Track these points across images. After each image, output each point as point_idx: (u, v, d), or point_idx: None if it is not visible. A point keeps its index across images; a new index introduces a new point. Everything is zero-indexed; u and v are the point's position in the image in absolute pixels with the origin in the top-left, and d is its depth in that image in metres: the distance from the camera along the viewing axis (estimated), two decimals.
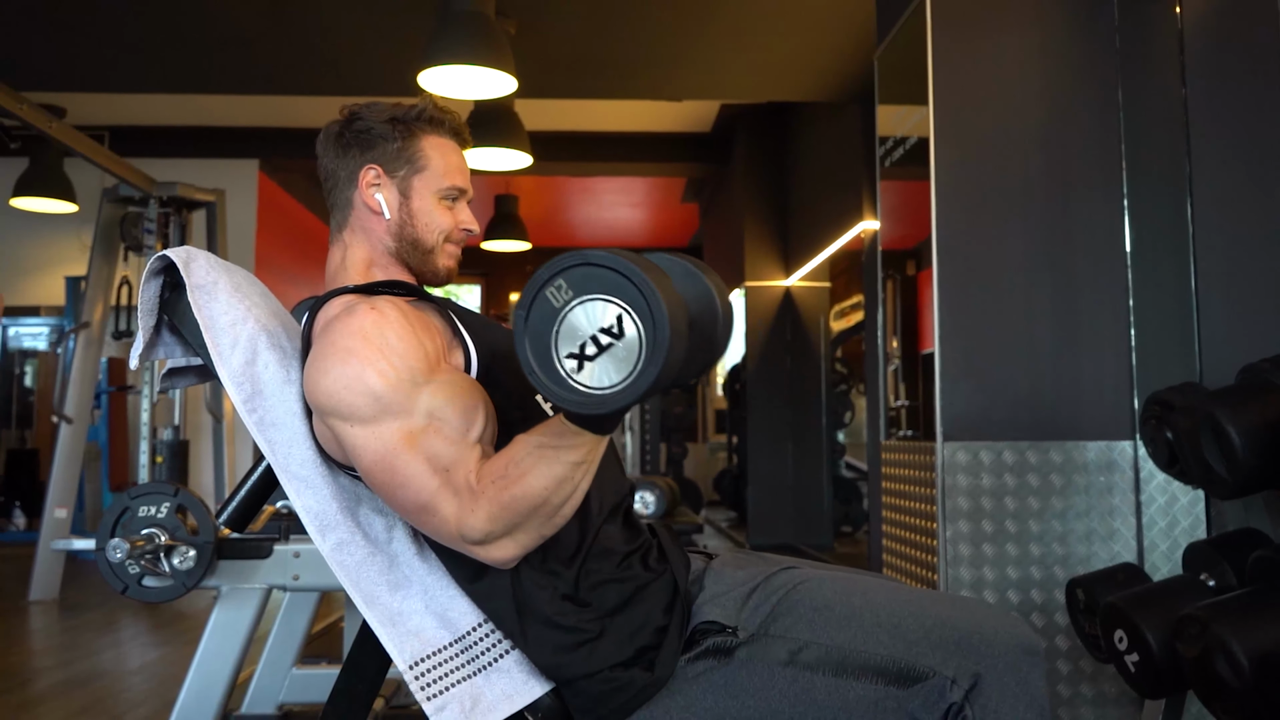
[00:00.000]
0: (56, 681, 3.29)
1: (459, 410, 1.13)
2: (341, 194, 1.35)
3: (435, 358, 1.17)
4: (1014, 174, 2.65)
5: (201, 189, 5.26)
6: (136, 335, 1.32)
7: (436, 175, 1.34)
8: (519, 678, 1.21)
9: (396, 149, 1.33)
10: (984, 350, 2.60)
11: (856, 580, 1.25)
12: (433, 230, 1.34)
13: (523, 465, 1.06)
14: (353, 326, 1.15)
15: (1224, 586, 1.93)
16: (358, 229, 1.35)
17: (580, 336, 0.96)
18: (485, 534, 1.08)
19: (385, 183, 1.33)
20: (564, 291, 0.97)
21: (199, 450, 6.25)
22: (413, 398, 1.12)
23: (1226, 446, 1.77)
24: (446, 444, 1.10)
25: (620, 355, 0.95)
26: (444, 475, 1.09)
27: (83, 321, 5.14)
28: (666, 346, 0.93)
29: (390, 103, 1.36)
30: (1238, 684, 1.58)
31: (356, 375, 1.12)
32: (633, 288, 0.95)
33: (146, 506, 2.05)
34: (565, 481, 1.06)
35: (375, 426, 1.11)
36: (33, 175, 6.31)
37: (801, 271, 6.75)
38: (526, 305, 0.98)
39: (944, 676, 1.13)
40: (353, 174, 1.34)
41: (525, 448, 1.06)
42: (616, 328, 0.95)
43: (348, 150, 1.34)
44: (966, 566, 2.51)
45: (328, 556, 1.21)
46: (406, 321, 1.17)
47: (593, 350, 0.96)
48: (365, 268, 1.34)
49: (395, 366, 1.12)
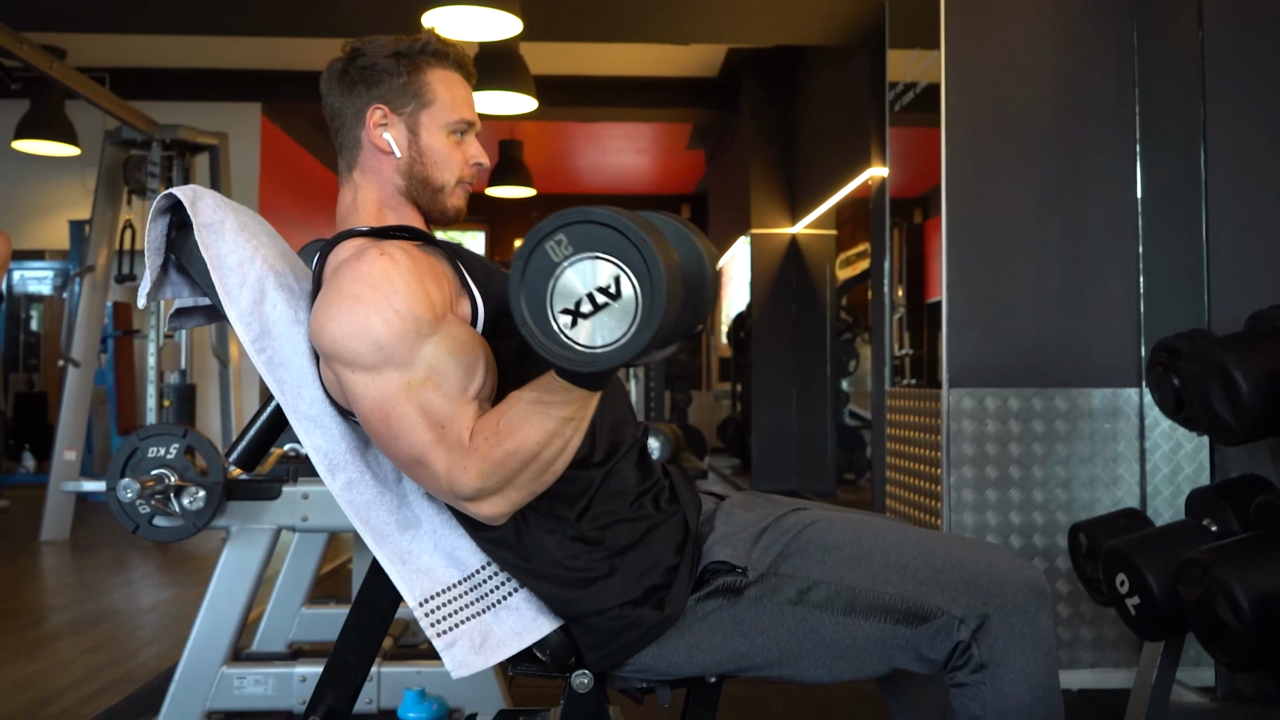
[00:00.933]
0: (70, 619, 3.34)
1: (459, 366, 1.13)
2: (349, 133, 1.34)
3: (441, 308, 1.17)
4: (1026, 120, 2.62)
5: (204, 132, 5.22)
6: (144, 274, 1.31)
7: (444, 109, 1.32)
8: (528, 615, 1.22)
9: (402, 84, 1.31)
10: (992, 297, 2.59)
11: (866, 521, 1.26)
12: (442, 168, 1.33)
13: (514, 421, 1.07)
14: (361, 272, 1.14)
15: (1227, 532, 1.95)
16: (367, 169, 1.33)
17: (576, 294, 0.96)
18: (476, 490, 1.09)
19: (393, 121, 1.31)
20: (564, 247, 0.96)
21: (206, 395, 6.27)
22: (415, 349, 1.11)
23: (1234, 393, 1.77)
24: (444, 399, 1.11)
25: (615, 315, 0.95)
26: (438, 430, 1.10)
27: (87, 265, 5.14)
28: (662, 310, 0.93)
29: (392, 37, 1.34)
30: (1239, 626, 1.60)
31: (361, 322, 1.11)
32: (633, 249, 0.94)
33: (156, 447, 2.06)
34: (556, 436, 1.07)
35: (376, 375, 1.11)
36: (34, 118, 6.25)
37: (808, 219, 6.70)
38: (525, 257, 0.97)
39: (952, 616, 1.14)
40: (359, 113, 1.32)
41: (517, 404, 1.08)
42: (614, 288, 0.95)
43: (353, 88, 1.32)
44: (970, 512, 2.53)
45: (337, 496, 1.22)
46: (416, 269, 1.16)
47: (588, 308, 0.96)
48: (376, 208, 1.33)
49: (400, 315, 1.12)
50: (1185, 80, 2.41)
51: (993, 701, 1.14)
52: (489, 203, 9.85)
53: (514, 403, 1.08)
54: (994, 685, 1.14)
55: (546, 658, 1.22)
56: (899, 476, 2.93)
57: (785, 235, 7.05)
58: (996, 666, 1.14)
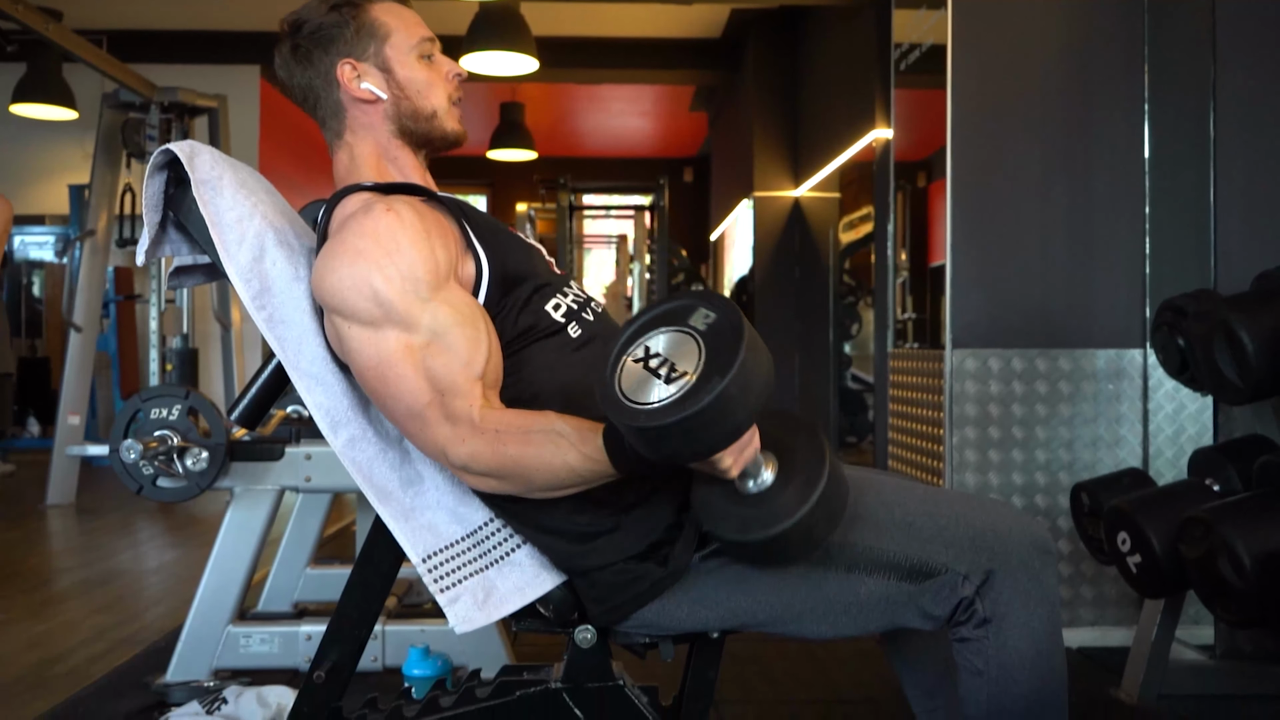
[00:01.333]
0: (77, 581, 3.37)
1: (463, 336, 1.12)
2: (327, 101, 1.31)
3: (446, 270, 1.16)
4: (1033, 79, 2.59)
5: (203, 94, 5.18)
6: (143, 232, 1.31)
7: (403, 36, 1.30)
8: (531, 570, 1.22)
9: (354, 31, 1.28)
10: (996, 258, 2.58)
11: (871, 479, 1.25)
12: (427, 94, 1.31)
13: (534, 439, 1.07)
14: (366, 227, 1.13)
15: (1229, 491, 1.95)
16: (357, 127, 1.31)
17: (657, 357, 0.99)
18: (465, 465, 1.10)
19: (363, 69, 1.29)
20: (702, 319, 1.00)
21: (208, 358, 6.27)
22: (417, 310, 1.11)
23: (1239, 352, 1.76)
24: (446, 367, 1.10)
25: (673, 385, 0.96)
26: (438, 396, 1.10)
27: (87, 230, 5.12)
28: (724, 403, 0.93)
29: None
30: (1240, 584, 1.60)
31: (363, 277, 1.11)
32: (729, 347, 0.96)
33: (158, 409, 2.07)
34: (556, 478, 1.08)
35: (375, 331, 1.11)
36: (31, 81, 6.20)
37: (811, 182, 6.66)
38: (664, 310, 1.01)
39: (956, 572, 1.14)
40: (328, 77, 1.29)
41: (548, 425, 1.08)
42: (681, 366, 0.97)
43: (310, 58, 1.30)
44: (972, 472, 2.53)
45: (340, 453, 1.22)
46: (422, 226, 1.15)
47: (660, 369, 0.98)
48: (376, 161, 1.31)
49: (403, 274, 1.11)
50: (1195, 39, 2.38)
51: (995, 656, 1.15)
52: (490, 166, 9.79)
53: (546, 420, 1.08)
54: (997, 640, 1.14)
55: (550, 613, 1.23)
56: (901, 438, 2.93)
57: (788, 198, 7.01)
58: (1000, 621, 1.14)
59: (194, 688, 2.09)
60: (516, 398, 1.19)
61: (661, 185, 7.30)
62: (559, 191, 7.03)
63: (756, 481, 1.05)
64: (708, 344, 0.97)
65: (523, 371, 1.21)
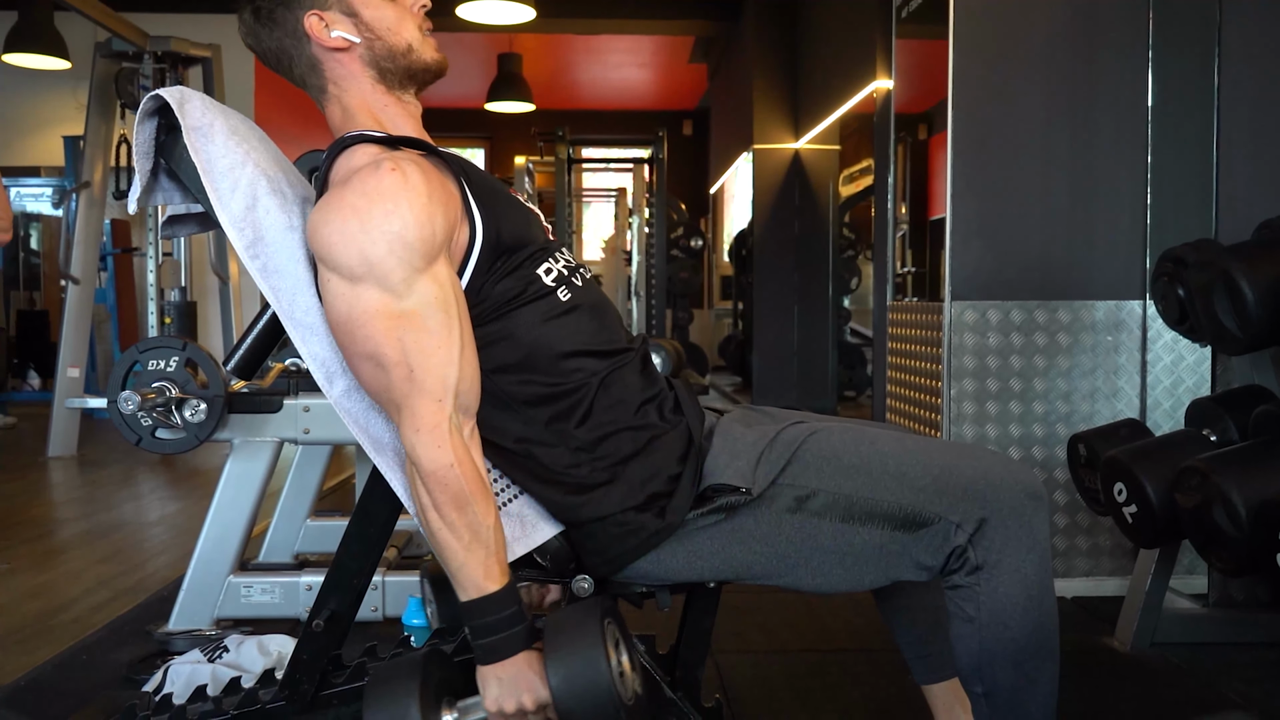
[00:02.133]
0: (80, 531, 3.39)
1: (442, 323, 1.11)
2: (301, 58, 1.28)
3: (442, 241, 1.13)
4: (1037, 27, 2.55)
5: (197, 44, 5.11)
6: (134, 179, 1.29)
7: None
8: (528, 521, 1.23)
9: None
10: (997, 209, 2.56)
11: (865, 430, 1.26)
12: (397, 30, 1.28)
13: (464, 518, 1.10)
14: (369, 184, 1.11)
15: (1226, 442, 1.95)
16: (338, 78, 1.29)
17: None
18: (408, 455, 1.11)
19: (330, 18, 1.26)
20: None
21: (206, 312, 6.26)
22: (404, 278, 1.09)
23: (1239, 302, 1.75)
24: (419, 345, 1.09)
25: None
26: (407, 370, 1.10)
27: (83, 181, 5.08)
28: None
29: None
30: (1235, 532, 1.61)
31: (354, 233, 1.09)
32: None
33: (156, 360, 2.06)
34: (439, 549, 1.11)
35: (354, 286, 1.10)
36: (22, 30, 6.12)
37: (811, 134, 6.60)
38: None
39: (949, 521, 1.15)
40: (296, 33, 1.26)
41: (482, 521, 1.10)
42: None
43: (274, 16, 1.27)
44: (970, 424, 2.53)
45: (335, 403, 1.22)
46: (426, 189, 1.13)
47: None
48: (367, 111, 1.28)
49: (397, 237, 1.09)
50: None
51: (987, 602, 1.15)
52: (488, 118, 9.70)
53: (484, 517, 1.11)
54: (989, 586, 1.15)
55: (547, 563, 1.24)
56: (900, 390, 2.94)
57: (788, 151, 6.96)
58: (992, 568, 1.14)
59: (196, 636, 2.11)
60: (504, 360, 1.19)
61: (660, 138, 7.24)
62: (557, 144, 6.97)
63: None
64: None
65: (513, 334, 1.20)
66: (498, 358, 1.19)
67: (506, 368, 1.20)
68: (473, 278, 1.18)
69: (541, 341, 1.20)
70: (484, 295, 1.19)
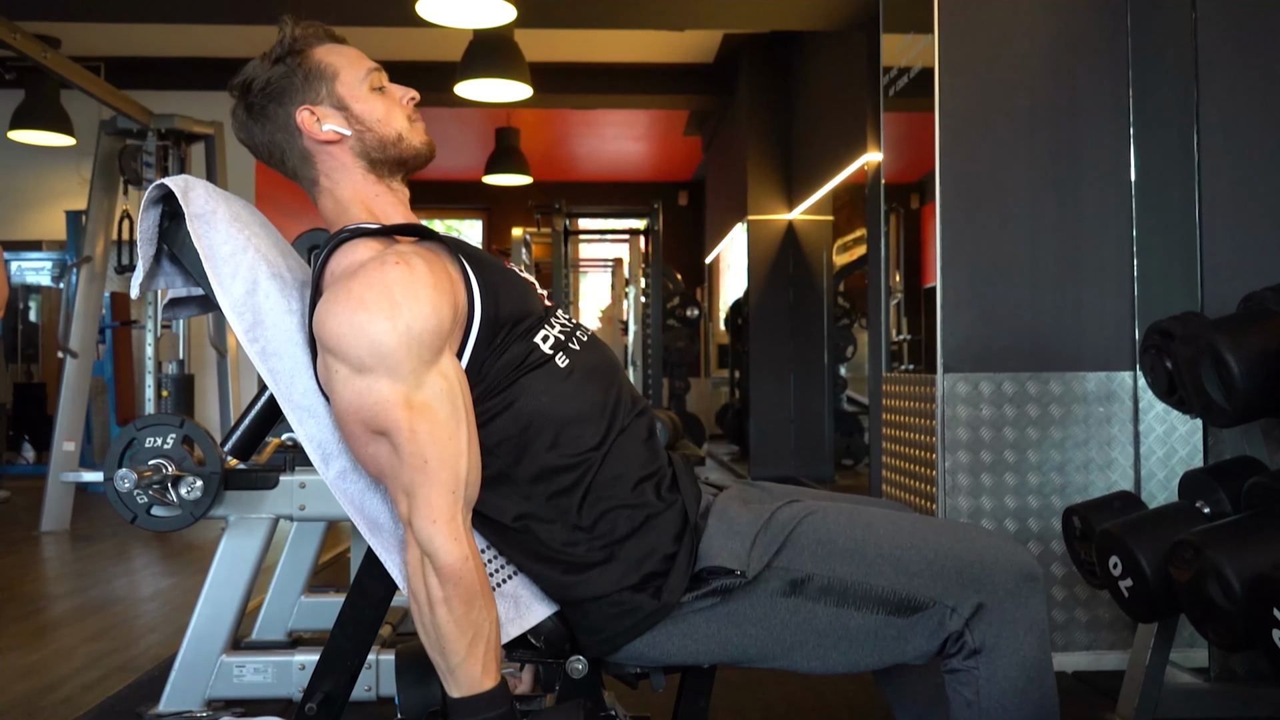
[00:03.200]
0: (71, 608, 3.36)
1: (451, 415, 1.13)
2: (294, 153, 1.31)
3: (449, 331, 1.15)
4: (1020, 102, 2.62)
5: (200, 121, 5.21)
6: (137, 265, 1.32)
7: (350, 71, 1.31)
8: (522, 601, 1.23)
9: (302, 79, 1.29)
10: (986, 281, 2.59)
11: (860, 512, 1.26)
12: (386, 121, 1.31)
13: (470, 616, 1.11)
14: (376, 278, 1.13)
15: (1219, 513, 1.96)
16: (330, 171, 1.31)
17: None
18: (417, 542, 1.11)
19: (321, 113, 1.29)
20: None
21: (204, 385, 6.27)
22: (414, 370, 1.11)
23: (1225, 375, 1.77)
24: (433, 438, 1.11)
25: None
26: (423, 465, 1.11)
27: (84, 256, 5.13)
28: None
29: (259, 56, 1.32)
30: (1229, 606, 1.61)
31: (364, 327, 1.10)
32: None
33: (153, 437, 2.07)
34: (437, 643, 1.12)
35: (365, 377, 1.11)
36: (29, 107, 6.24)
37: (804, 204, 6.69)
38: None
39: (944, 605, 1.15)
40: (288, 128, 1.30)
41: (482, 624, 1.12)
42: None
43: (266, 113, 1.30)
44: (965, 496, 2.54)
45: (331, 485, 1.23)
46: (432, 280, 1.14)
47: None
48: (360, 202, 1.31)
49: (408, 329, 1.10)
50: (1178, 60, 2.41)
51: (986, 686, 1.15)
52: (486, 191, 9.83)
53: (486, 619, 1.13)
54: (988, 670, 1.15)
55: (541, 644, 1.23)
56: (895, 462, 2.94)
57: (782, 221, 7.05)
58: (990, 651, 1.14)
59: (187, 718, 2.08)
60: (506, 433, 1.20)
61: (656, 209, 7.33)
62: (554, 216, 7.06)
63: None
64: None
65: (513, 404, 1.21)
66: (500, 431, 1.20)
67: (508, 441, 1.20)
68: (473, 354, 1.20)
69: (542, 412, 1.21)
70: (485, 371, 1.20)
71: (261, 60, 1.31)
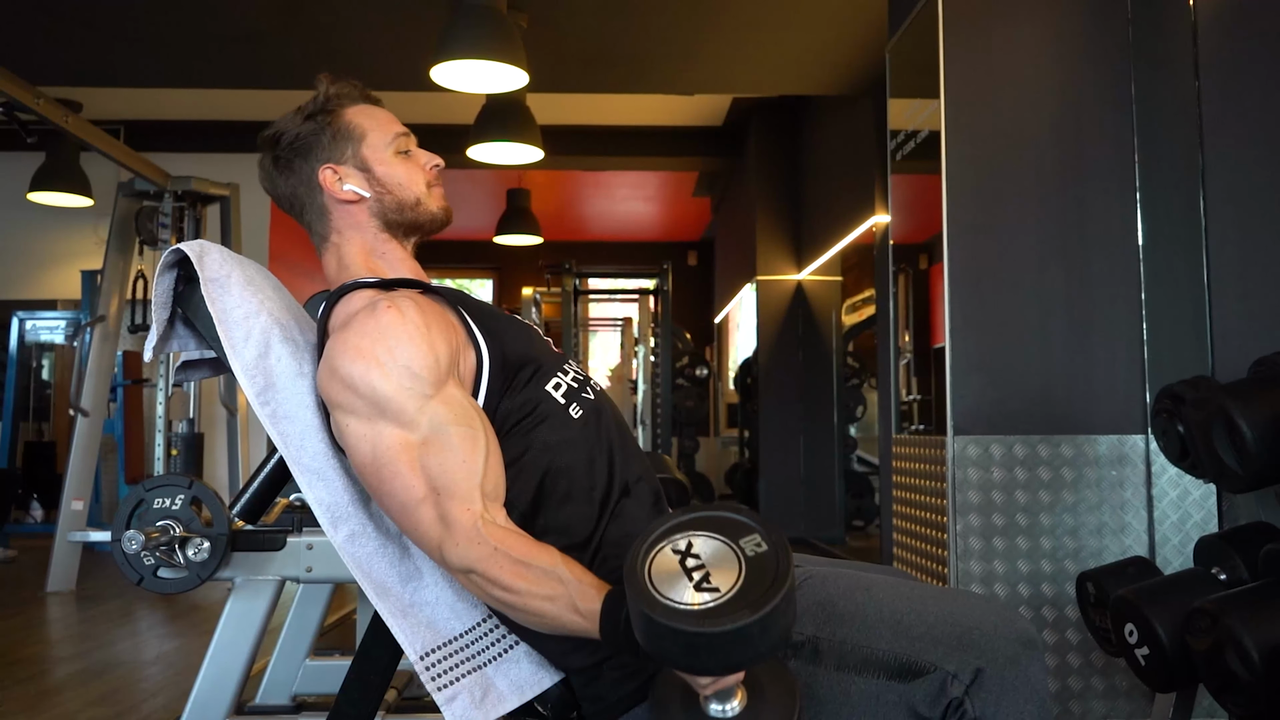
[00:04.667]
0: (74, 671, 3.33)
1: (461, 435, 1.14)
2: (313, 207, 1.36)
3: (447, 366, 1.18)
4: (1026, 167, 2.64)
5: (216, 183, 5.29)
6: (151, 328, 1.33)
7: (378, 134, 1.35)
8: (529, 668, 1.22)
9: (330, 137, 1.34)
10: (995, 344, 2.59)
11: (860, 577, 1.26)
12: (407, 185, 1.35)
13: (530, 573, 1.08)
14: (369, 324, 1.16)
15: (1235, 580, 1.93)
16: (342, 228, 1.35)
17: (696, 559, 0.98)
18: (457, 568, 1.12)
19: (344, 172, 1.33)
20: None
21: (214, 443, 6.29)
22: (415, 406, 1.13)
23: (1238, 440, 1.76)
24: (442, 466, 1.12)
25: (703, 591, 0.94)
26: (434, 494, 1.12)
27: (98, 315, 5.18)
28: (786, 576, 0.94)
29: (294, 109, 1.37)
30: (1248, 677, 1.58)
31: (363, 373, 1.13)
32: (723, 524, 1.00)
33: (161, 498, 2.07)
34: (539, 619, 1.10)
35: (373, 425, 1.13)
36: (49, 169, 6.34)
37: (813, 265, 6.74)
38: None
39: (945, 671, 1.14)
40: (311, 183, 1.34)
41: (549, 565, 1.09)
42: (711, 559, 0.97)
43: (291, 166, 1.35)
44: (977, 560, 2.51)
45: (340, 548, 1.22)
46: (423, 322, 1.17)
47: (694, 572, 0.96)
48: (366, 258, 1.34)
49: (403, 371, 1.13)
50: (1183, 127, 2.44)
51: None
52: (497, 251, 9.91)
53: (548, 560, 1.09)
54: None
55: (548, 711, 1.22)
56: (906, 525, 2.92)
57: (791, 282, 7.09)
58: None
59: None
60: (519, 482, 1.20)
61: (665, 269, 7.39)
62: (564, 276, 7.12)
63: (724, 708, 1.02)
64: (749, 572, 0.95)
65: (526, 453, 1.22)
66: (512, 488, 1.20)
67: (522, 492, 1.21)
68: (487, 399, 1.21)
69: (555, 461, 1.22)
70: (500, 414, 1.22)
71: (294, 114, 1.35)
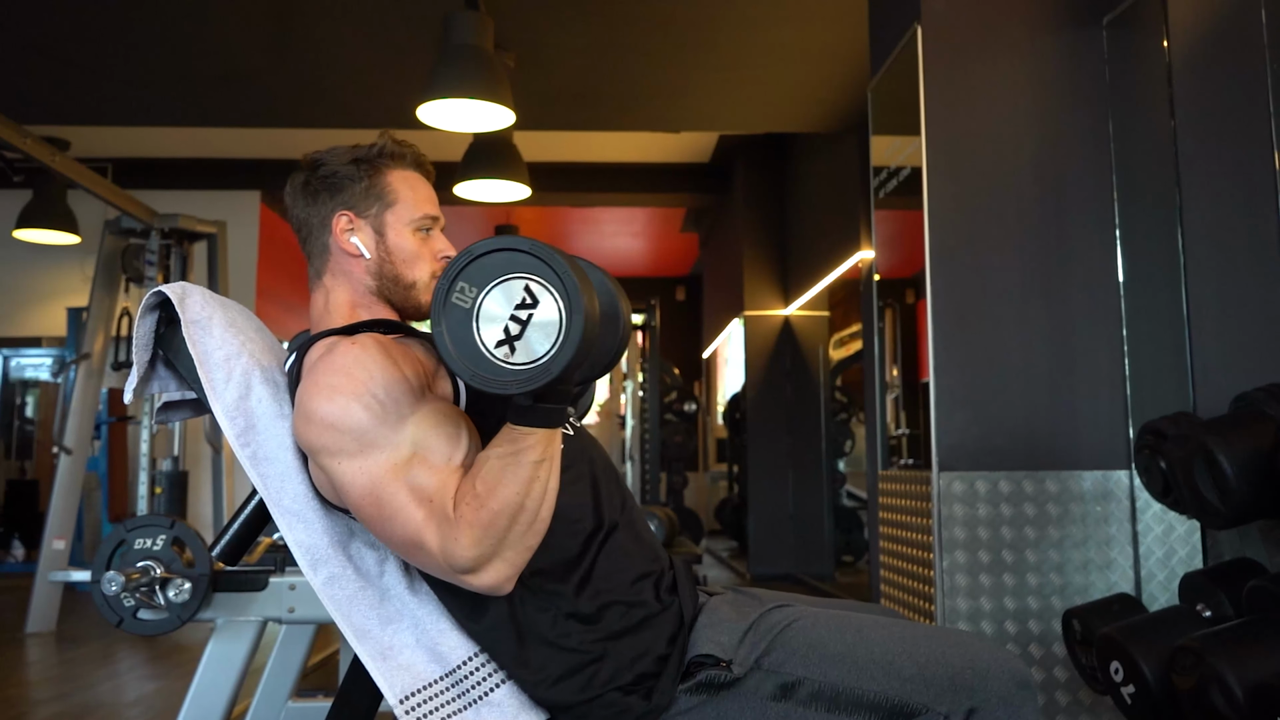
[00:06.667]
0: (54, 713, 3.28)
1: (442, 437, 1.14)
2: (316, 241, 1.36)
3: (419, 386, 1.18)
4: (1007, 204, 2.67)
5: (203, 220, 5.29)
6: (132, 370, 1.33)
7: (408, 207, 1.36)
8: (510, 710, 1.21)
9: (364, 188, 1.34)
10: (979, 380, 2.60)
11: (851, 617, 1.25)
12: (411, 265, 1.35)
13: (490, 480, 1.07)
14: (334, 364, 1.16)
15: (1220, 617, 1.93)
16: (337, 273, 1.35)
17: (500, 322, 0.99)
18: (474, 559, 1.08)
19: (358, 225, 1.34)
20: (468, 291, 1.00)
21: (198, 481, 6.24)
22: (398, 430, 1.13)
23: (1219, 476, 1.77)
24: (430, 473, 1.11)
25: (542, 325, 0.98)
26: (428, 506, 1.10)
27: (83, 352, 5.16)
28: (579, 290, 0.96)
29: (351, 145, 1.37)
30: (1233, 715, 1.58)
31: (341, 411, 1.13)
32: (528, 257, 0.99)
33: (143, 539, 2.05)
34: (534, 482, 1.08)
35: (362, 460, 1.12)
36: (36, 207, 6.34)
37: (800, 300, 6.77)
38: (439, 319, 1.00)
39: (936, 713, 1.13)
40: (325, 220, 1.34)
41: (487, 463, 1.09)
42: (529, 298, 0.99)
43: (316, 197, 1.35)
44: (963, 597, 2.50)
45: (319, 591, 1.22)
46: (387, 354, 1.18)
47: (516, 329, 0.99)
48: (349, 309, 1.34)
49: (379, 400, 1.13)
50: (1160, 165, 2.47)
51: None
52: None
53: (484, 462, 1.09)
54: None
55: None
56: (893, 561, 2.91)
57: (778, 317, 7.12)
58: None
59: None
60: None
61: (653, 305, 7.41)
62: None
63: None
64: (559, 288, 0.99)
65: None
66: None
67: None
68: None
69: None
70: (482, 434, 1.21)
71: (346, 151, 1.36)
